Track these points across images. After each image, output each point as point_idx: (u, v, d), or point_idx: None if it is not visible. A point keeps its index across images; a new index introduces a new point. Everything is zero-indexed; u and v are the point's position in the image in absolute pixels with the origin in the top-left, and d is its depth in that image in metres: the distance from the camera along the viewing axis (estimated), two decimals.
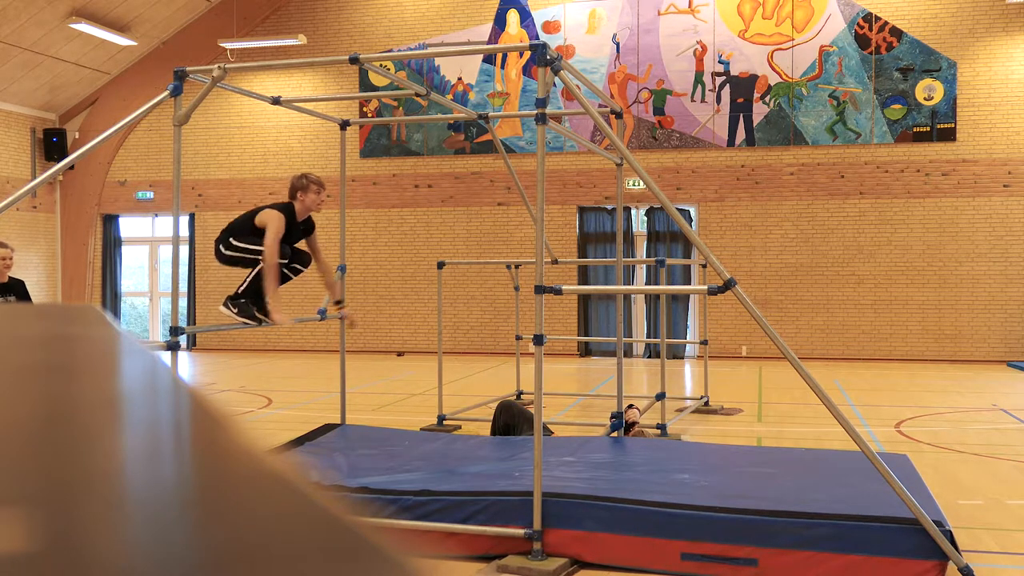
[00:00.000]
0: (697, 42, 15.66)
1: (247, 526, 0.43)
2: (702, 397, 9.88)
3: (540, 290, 4.94)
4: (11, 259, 6.96)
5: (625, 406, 7.44)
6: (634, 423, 7.40)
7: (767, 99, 15.42)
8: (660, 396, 8.15)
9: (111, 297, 18.38)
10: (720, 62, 15.58)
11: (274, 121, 17.22)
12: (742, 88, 15.51)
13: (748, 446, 7.18)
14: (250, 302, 6.24)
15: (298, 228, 6.50)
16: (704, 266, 10.49)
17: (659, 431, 7.69)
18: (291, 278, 6.53)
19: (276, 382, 12.74)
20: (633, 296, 15.90)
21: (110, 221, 18.48)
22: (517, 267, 10.08)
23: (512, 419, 7.18)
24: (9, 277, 6.96)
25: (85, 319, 1.53)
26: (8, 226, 16.47)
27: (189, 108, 5.67)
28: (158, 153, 18.20)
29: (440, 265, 9.02)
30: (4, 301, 6.68)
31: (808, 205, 15.36)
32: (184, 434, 0.69)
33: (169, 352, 5.45)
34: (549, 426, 7.45)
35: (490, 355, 15.95)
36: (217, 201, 17.83)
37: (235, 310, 6.17)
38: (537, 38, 16.09)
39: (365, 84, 16.95)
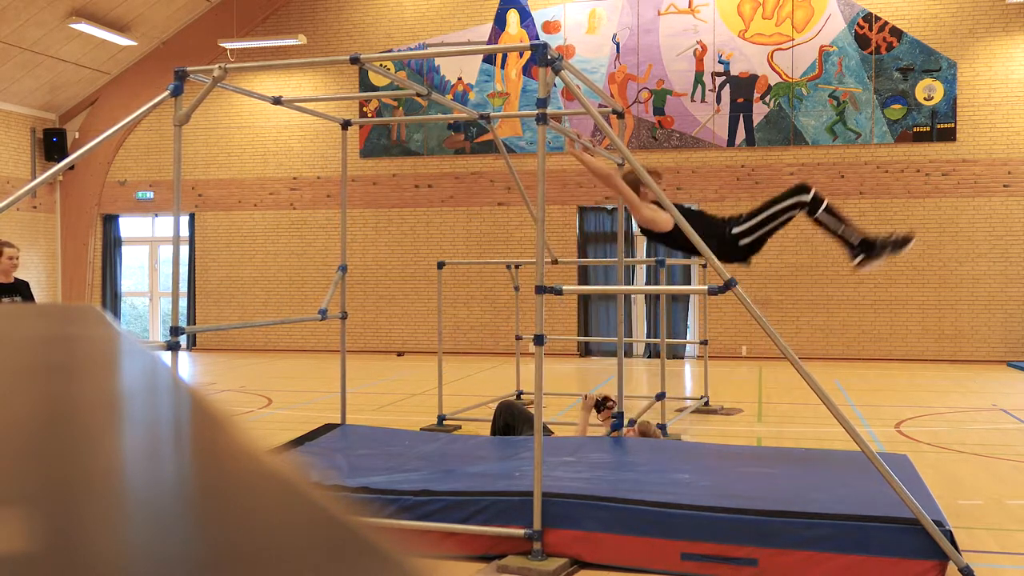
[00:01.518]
0: (697, 42, 15.66)
1: (247, 526, 0.43)
2: (702, 397, 9.88)
3: (540, 290, 4.94)
4: (17, 259, 6.97)
5: (600, 394, 7.40)
6: (607, 398, 7.31)
7: (767, 99, 15.42)
8: (660, 396, 8.15)
9: (111, 297, 18.38)
10: (720, 62, 15.58)
11: (274, 121, 17.22)
12: (742, 88, 15.51)
13: (748, 446, 7.18)
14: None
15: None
16: (704, 266, 10.49)
17: (660, 431, 7.69)
18: None
19: (276, 382, 12.74)
20: (633, 296, 15.90)
21: (110, 221, 18.49)
22: (517, 267, 10.08)
23: (512, 419, 7.18)
24: (14, 278, 6.96)
25: (85, 319, 1.53)
26: (8, 226, 16.47)
27: (189, 108, 5.67)
28: (158, 153, 18.20)
29: (440, 265, 9.02)
30: (10, 301, 6.68)
31: None
32: (184, 434, 0.69)
33: (169, 352, 5.45)
34: (549, 426, 7.45)
35: (490, 355, 15.95)
36: (217, 201, 17.83)
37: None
38: (537, 38, 16.09)
39: (365, 84, 16.95)
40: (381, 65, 13.61)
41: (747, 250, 5.88)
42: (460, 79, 16.58)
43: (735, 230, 5.81)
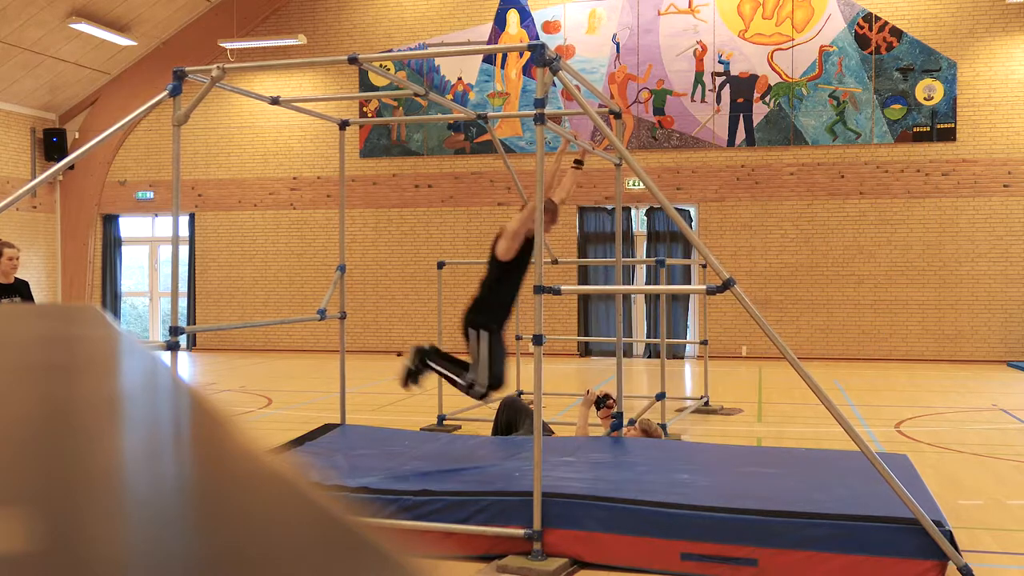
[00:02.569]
0: (697, 42, 15.66)
1: (247, 526, 0.43)
2: (702, 397, 9.87)
3: (539, 290, 4.94)
4: (17, 259, 6.97)
5: (602, 392, 7.40)
6: (607, 396, 7.32)
7: (767, 99, 15.42)
8: (660, 396, 8.15)
9: (111, 297, 18.38)
10: (720, 62, 15.58)
11: (274, 121, 17.22)
12: (742, 88, 15.51)
13: (748, 446, 7.18)
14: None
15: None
16: (704, 266, 10.49)
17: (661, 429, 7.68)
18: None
19: (276, 382, 12.74)
20: (633, 296, 15.89)
21: (110, 221, 18.49)
22: None
23: (515, 415, 7.18)
24: (15, 278, 6.97)
25: (85, 319, 1.53)
26: (8, 226, 16.47)
27: (188, 108, 5.67)
28: (158, 153, 18.20)
29: (440, 265, 9.01)
30: (10, 301, 6.68)
31: (808, 205, 15.36)
32: (184, 434, 0.69)
33: (169, 352, 5.45)
34: (550, 426, 7.45)
35: None
36: (217, 201, 17.83)
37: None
38: (537, 38, 16.09)
39: (365, 84, 16.95)
40: (381, 65, 13.60)
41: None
42: (460, 79, 16.58)
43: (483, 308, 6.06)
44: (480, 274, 6.19)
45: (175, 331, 5.50)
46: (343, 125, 7.60)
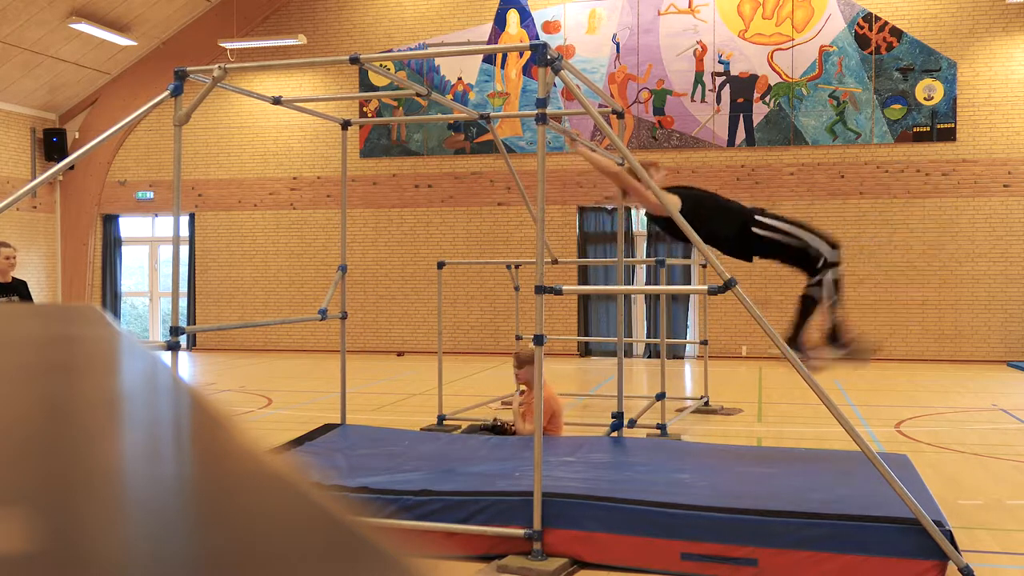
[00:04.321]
0: (697, 42, 15.66)
1: (247, 526, 0.43)
2: (702, 397, 9.87)
3: (540, 290, 4.94)
4: (15, 258, 6.98)
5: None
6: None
7: (767, 99, 15.42)
8: (660, 396, 8.15)
9: (111, 297, 18.38)
10: (720, 62, 15.58)
11: (274, 121, 17.22)
12: (742, 88, 15.51)
13: (748, 446, 7.18)
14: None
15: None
16: (704, 266, 10.48)
17: (656, 430, 7.68)
18: None
19: (276, 382, 12.74)
20: (633, 296, 15.89)
21: (110, 221, 18.48)
22: (517, 267, 10.08)
23: None
24: (12, 277, 6.97)
25: (85, 319, 1.53)
26: (8, 226, 16.47)
27: (189, 108, 5.66)
28: (158, 153, 18.20)
29: (440, 265, 9.01)
30: (7, 301, 6.68)
31: (808, 205, 15.36)
32: (184, 434, 0.69)
33: (169, 352, 5.45)
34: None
35: (490, 355, 15.94)
36: (217, 201, 17.83)
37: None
38: (537, 38, 16.09)
39: (365, 84, 16.95)
40: (381, 65, 13.60)
41: (754, 242, 5.89)
42: (460, 79, 16.58)
43: (758, 217, 5.81)
44: (480, 274, 6.03)
45: (175, 331, 5.50)
46: (346, 125, 7.59)
